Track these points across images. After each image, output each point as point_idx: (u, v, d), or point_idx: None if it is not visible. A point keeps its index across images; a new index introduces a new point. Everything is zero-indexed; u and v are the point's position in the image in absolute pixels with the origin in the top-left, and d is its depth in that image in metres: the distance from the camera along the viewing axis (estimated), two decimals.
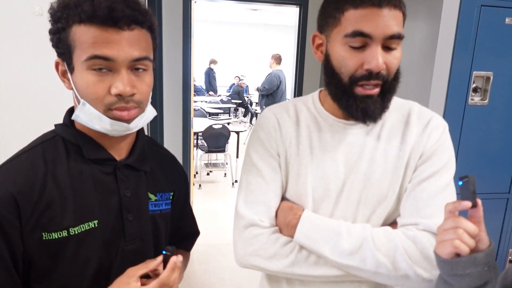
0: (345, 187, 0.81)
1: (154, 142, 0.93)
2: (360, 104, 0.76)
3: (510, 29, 1.80)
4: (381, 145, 0.82)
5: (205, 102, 7.58)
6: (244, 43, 10.14)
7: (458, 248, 0.61)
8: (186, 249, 0.99)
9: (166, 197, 0.87)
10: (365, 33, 0.71)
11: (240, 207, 0.84)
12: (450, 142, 0.83)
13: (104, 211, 0.74)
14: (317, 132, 0.85)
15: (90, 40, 0.66)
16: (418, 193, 0.78)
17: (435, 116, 0.84)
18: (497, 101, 1.88)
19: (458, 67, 1.81)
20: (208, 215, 3.72)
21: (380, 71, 0.73)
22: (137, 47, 0.69)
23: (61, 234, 0.70)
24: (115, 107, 0.69)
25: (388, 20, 0.71)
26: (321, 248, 0.77)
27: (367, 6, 0.71)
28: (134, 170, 0.80)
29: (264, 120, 0.88)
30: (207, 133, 4.44)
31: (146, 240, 0.81)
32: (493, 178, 1.97)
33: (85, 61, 0.66)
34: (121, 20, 0.66)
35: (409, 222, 0.78)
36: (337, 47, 0.75)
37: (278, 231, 0.83)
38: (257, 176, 0.85)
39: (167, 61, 2.82)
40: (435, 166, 0.79)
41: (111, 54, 0.66)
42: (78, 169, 0.73)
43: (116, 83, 0.68)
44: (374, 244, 0.75)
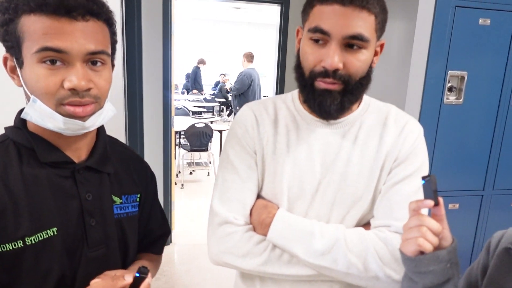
0: (320, 186, 0.82)
1: (117, 141, 0.88)
2: (317, 98, 0.77)
3: (483, 30, 1.84)
4: (358, 146, 0.82)
5: (188, 101, 7.53)
6: (228, 41, 10.10)
7: (421, 246, 0.62)
8: (157, 253, 0.95)
9: (132, 199, 0.83)
10: (324, 30, 0.72)
11: (215, 204, 0.84)
12: (425, 147, 0.84)
13: (64, 217, 0.70)
14: (295, 131, 0.84)
15: (41, 30, 0.61)
16: (392, 196, 0.79)
17: (411, 120, 0.85)
18: (472, 100, 1.92)
19: (433, 66, 1.84)
20: (191, 215, 3.69)
21: (335, 70, 0.73)
22: (92, 40, 0.65)
23: (16, 245, 0.64)
24: (68, 102, 0.64)
25: (350, 20, 0.71)
26: (293, 247, 0.77)
27: (331, 3, 0.71)
28: (95, 172, 0.75)
29: (242, 117, 0.87)
30: (189, 132, 4.41)
31: (111, 245, 0.77)
32: (468, 175, 2.02)
33: (35, 53, 0.62)
34: (75, 10, 0.62)
35: (382, 224, 0.79)
36: (304, 41, 0.77)
37: (252, 229, 0.82)
38: (233, 173, 0.84)
39: (146, 60, 2.77)
40: (409, 170, 0.80)
41: (64, 45, 0.62)
42: (33, 174, 0.68)
43: (70, 77, 0.63)
44: (347, 245, 0.76)
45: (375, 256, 0.75)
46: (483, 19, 1.83)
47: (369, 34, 0.73)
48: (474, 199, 2.06)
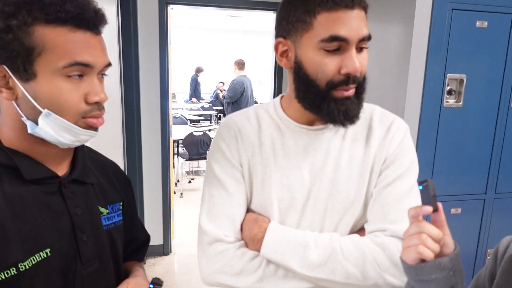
0: (310, 195, 0.79)
1: (92, 150, 0.85)
2: (341, 107, 0.74)
3: (481, 32, 1.84)
4: (346, 150, 0.80)
5: (186, 109, 7.52)
6: (225, 49, 10.13)
7: (422, 253, 0.60)
8: (139, 260, 0.93)
9: (117, 208, 0.81)
10: (342, 37, 0.69)
11: (203, 222, 0.81)
12: (412, 144, 0.83)
13: (56, 236, 0.66)
14: (280, 139, 0.82)
15: (70, 44, 0.60)
16: (384, 198, 0.77)
17: (396, 119, 0.84)
18: (471, 102, 1.91)
19: (432, 70, 1.84)
20: (190, 224, 3.66)
21: (357, 74, 0.72)
22: (105, 52, 0.66)
23: (10, 273, 0.59)
24: (91, 115, 0.65)
25: (359, 22, 0.70)
26: (288, 261, 0.74)
27: (340, 8, 0.69)
28: (80, 184, 0.72)
29: (225, 130, 0.85)
30: (187, 141, 4.39)
31: (104, 258, 0.74)
32: (469, 179, 2.00)
33: (63, 68, 0.60)
34: (100, 25, 0.63)
35: (377, 228, 0.77)
36: (310, 53, 0.72)
37: (244, 246, 0.80)
38: (219, 188, 0.81)
39: (143, 69, 2.77)
40: (399, 170, 0.79)
41: (92, 60, 0.62)
42: (17, 194, 0.63)
43: (95, 91, 0.64)
44: (343, 254, 0.74)
45: (373, 263, 0.73)
46: (480, 21, 1.83)
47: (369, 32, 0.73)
48: (477, 203, 2.03)
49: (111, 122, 1.90)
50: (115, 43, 1.95)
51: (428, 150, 1.90)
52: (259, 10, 3.01)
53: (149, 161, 2.90)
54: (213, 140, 0.87)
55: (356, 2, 0.69)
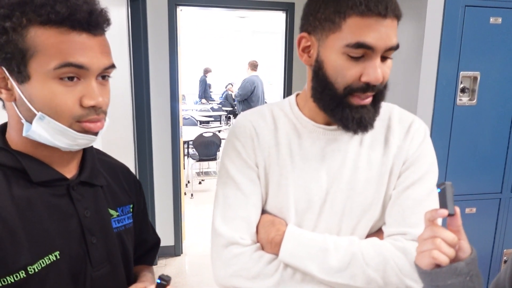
0: (328, 197, 0.78)
1: (101, 152, 0.84)
2: (355, 115, 0.72)
3: (494, 29, 1.80)
4: (364, 151, 0.79)
5: (195, 111, 7.55)
6: (234, 50, 10.15)
7: (436, 258, 0.59)
8: (150, 263, 0.92)
9: (127, 211, 0.79)
10: (369, 45, 0.67)
11: (218, 224, 0.78)
12: (432, 146, 0.81)
13: (65, 238, 0.65)
14: (296, 140, 0.80)
15: (61, 45, 0.58)
16: (403, 201, 0.76)
17: (416, 120, 0.82)
18: (485, 100, 1.87)
19: (445, 68, 1.81)
20: (201, 225, 3.66)
21: (377, 83, 0.70)
22: (106, 54, 0.64)
23: (19, 276, 0.59)
24: (87, 119, 0.63)
25: (389, 31, 0.67)
26: (308, 266, 0.73)
27: (372, 15, 0.65)
28: (89, 186, 0.71)
29: (240, 129, 0.82)
30: (197, 142, 4.40)
31: (114, 262, 0.73)
32: (484, 178, 1.96)
33: (54, 70, 0.58)
34: (98, 26, 0.61)
35: (397, 232, 0.75)
36: (334, 55, 0.70)
37: (260, 248, 0.78)
38: (234, 189, 0.79)
39: (153, 71, 2.78)
40: (419, 172, 0.77)
41: (86, 61, 0.59)
42: (25, 196, 0.62)
43: (91, 94, 0.61)
44: (364, 259, 0.72)
45: (395, 268, 0.71)
46: (494, 18, 1.79)
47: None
48: (492, 203, 1.99)
49: (122, 124, 1.91)
50: (125, 45, 1.96)
51: (442, 149, 1.87)
52: (268, 10, 3.00)
53: (159, 163, 2.91)
54: (227, 139, 0.84)
55: (390, 11, 0.66)
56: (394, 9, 0.67)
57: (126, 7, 2.00)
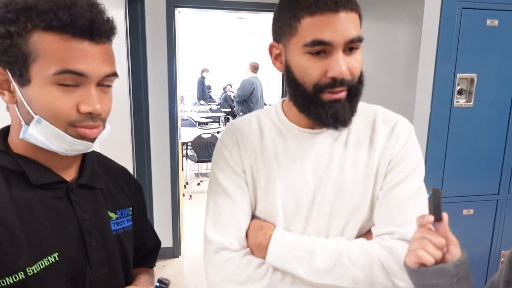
0: (316, 199, 0.79)
1: (100, 155, 0.84)
2: (329, 110, 0.73)
3: (491, 31, 1.81)
4: (349, 153, 0.79)
5: (194, 112, 7.54)
6: (232, 51, 10.16)
7: (421, 257, 0.62)
8: (150, 266, 0.93)
9: (126, 213, 0.80)
10: (325, 41, 0.69)
11: (208, 231, 0.80)
12: (417, 145, 0.82)
13: (64, 240, 0.66)
14: (282, 144, 0.81)
15: (62, 52, 0.59)
16: (390, 200, 0.76)
17: (400, 119, 0.82)
18: (482, 102, 1.88)
19: (442, 70, 1.81)
20: (199, 226, 3.66)
21: (344, 77, 0.71)
22: (108, 62, 0.64)
23: (18, 277, 0.60)
24: (81, 125, 0.63)
25: (346, 24, 0.69)
26: (295, 268, 0.74)
27: (323, 12, 0.68)
28: (89, 189, 0.72)
29: (227, 137, 0.85)
30: (196, 143, 4.41)
31: (113, 264, 0.74)
32: (482, 180, 1.97)
33: (53, 75, 0.59)
34: (101, 34, 0.61)
35: (384, 232, 0.76)
36: (296, 57, 0.73)
37: (249, 253, 0.79)
38: (223, 196, 0.81)
39: (152, 72, 2.79)
40: (405, 171, 0.77)
41: (86, 69, 0.60)
42: (25, 199, 0.63)
43: (88, 101, 0.62)
44: (350, 259, 0.73)
45: (381, 267, 0.72)
46: (491, 20, 1.80)
47: (361, 33, 0.72)
48: (489, 204, 2.00)
49: (120, 125, 1.91)
50: (123, 46, 1.96)
51: (439, 151, 1.88)
52: (267, 12, 3.01)
53: (158, 164, 2.91)
54: (216, 147, 0.86)
55: (341, 5, 0.68)
56: (346, 3, 0.69)
57: (124, 8, 2.00)
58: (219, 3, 2.87)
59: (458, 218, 1.97)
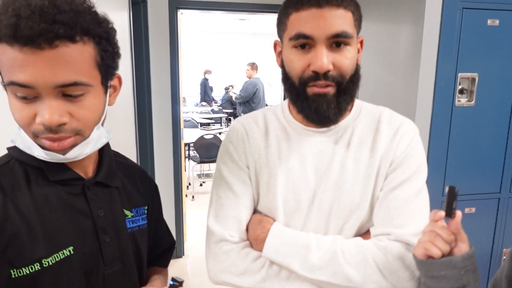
0: (316, 197, 0.80)
1: (118, 154, 0.86)
2: (312, 104, 0.75)
3: (492, 31, 1.82)
4: (351, 152, 0.80)
5: (196, 113, 7.56)
6: (234, 52, 10.17)
7: (428, 250, 0.65)
8: (164, 266, 0.94)
9: (141, 212, 0.82)
10: (307, 35, 0.72)
11: (210, 223, 0.83)
12: (421, 147, 0.82)
13: (78, 235, 0.68)
14: (286, 142, 0.83)
15: (7, 62, 0.56)
16: (390, 202, 0.77)
17: (406, 121, 0.83)
18: (484, 101, 1.89)
19: (443, 69, 1.82)
20: (202, 227, 3.67)
21: (326, 71, 0.72)
22: (62, 70, 0.56)
23: (33, 268, 0.62)
24: (43, 137, 0.61)
25: (330, 19, 0.71)
26: (290, 263, 0.75)
27: (307, 8, 0.71)
28: (104, 187, 0.74)
29: (232, 133, 0.87)
30: (198, 144, 4.42)
31: (127, 261, 0.75)
32: (483, 179, 1.98)
33: (7, 86, 0.58)
34: (37, 37, 0.53)
35: (381, 232, 0.77)
36: (286, 51, 0.77)
37: (248, 246, 0.81)
38: (226, 190, 0.83)
39: (154, 73, 2.81)
40: (406, 173, 0.78)
41: (27, 80, 0.55)
42: (42, 193, 0.65)
43: (41, 112, 0.58)
44: (344, 257, 0.74)
45: (374, 267, 0.73)
46: (492, 19, 1.81)
47: (351, 30, 0.73)
48: (491, 203, 2.01)
49: (123, 126, 1.93)
50: (127, 48, 1.98)
51: (441, 150, 1.88)
52: (268, 13, 3.02)
53: (161, 165, 2.93)
54: (222, 143, 0.89)
55: (325, 2, 0.71)
56: (336, 0, 0.72)
57: (128, 10, 2.02)
58: (221, 5, 2.89)
59: (460, 221, 1.97)
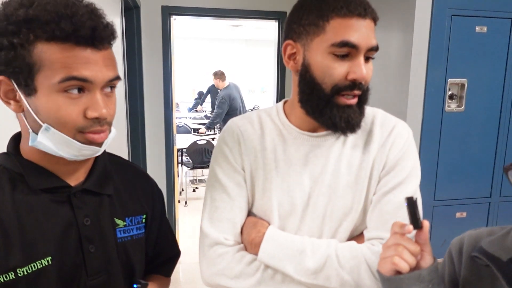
0: (310, 200, 0.80)
1: (120, 159, 0.84)
2: (343, 114, 0.74)
3: (480, 37, 1.86)
4: (345, 156, 0.80)
5: (189, 118, 7.55)
6: (227, 58, 10.20)
7: (397, 264, 0.61)
8: (166, 274, 0.92)
9: (137, 221, 0.79)
10: (353, 44, 0.71)
11: (205, 225, 0.82)
12: (415, 150, 0.82)
13: (60, 245, 0.66)
14: (281, 146, 0.83)
15: (66, 59, 0.59)
16: (383, 206, 0.77)
17: (399, 124, 0.82)
18: (473, 107, 1.92)
19: (433, 75, 1.85)
20: (195, 233, 3.65)
21: (363, 81, 0.73)
22: (111, 67, 0.65)
23: (8, 277, 0.60)
24: (90, 130, 0.64)
25: (370, 31, 0.72)
26: (285, 267, 0.75)
27: (353, 16, 0.71)
28: (94, 194, 0.72)
29: (228, 134, 0.85)
30: (191, 149, 4.41)
31: (113, 272, 0.73)
32: (474, 183, 2.00)
33: (58, 83, 0.59)
34: (102, 41, 0.62)
35: (375, 236, 0.77)
36: (319, 56, 0.73)
37: (243, 249, 0.81)
38: (221, 192, 0.82)
39: (147, 79, 2.80)
40: (399, 177, 0.78)
41: (90, 75, 0.61)
42: (25, 201, 0.65)
43: (94, 106, 0.63)
44: (339, 261, 0.74)
45: (368, 271, 0.73)
46: (480, 26, 1.85)
47: None
48: (482, 207, 2.03)
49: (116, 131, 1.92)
50: (119, 53, 1.98)
51: (431, 155, 1.91)
52: (261, 19, 3.05)
53: (153, 170, 2.91)
54: (216, 144, 0.88)
55: (369, 12, 0.71)
56: (371, 12, 0.72)
57: (121, 16, 2.02)
58: (213, 11, 2.91)
59: (451, 221, 1.99)
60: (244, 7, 2.89)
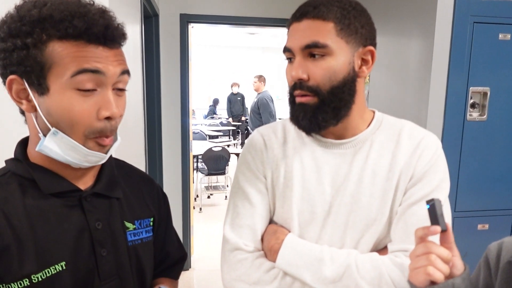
0: (332, 209, 0.79)
1: (124, 164, 0.85)
2: (294, 112, 0.78)
3: (504, 45, 1.81)
4: (369, 166, 0.79)
5: (204, 125, 7.60)
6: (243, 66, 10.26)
7: (432, 275, 0.58)
8: (174, 277, 0.91)
9: (145, 224, 0.79)
10: (287, 48, 0.76)
11: (226, 231, 0.83)
12: (444, 163, 0.80)
13: (73, 249, 0.66)
14: (303, 152, 0.83)
15: (77, 54, 0.60)
16: (408, 218, 0.75)
17: (428, 136, 0.81)
18: (496, 116, 1.87)
19: (454, 83, 1.81)
20: (209, 239, 3.65)
21: (298, 80, 0.75)
22: (122, 61, 0.66)
23: (22, 284, 0.60)
24: (102, 135, 0.64)
25: (304, 31, 0.74)
26: (302, 274, 0.74)
27: (291, 24, 0.77)
28: (104, 198, 0.72)
29: (251, 142, 0.88)
30: (206, 156, 4.43)
31: (124, 276, 0.72)
32: (496, 194, 1.94)
33: (71, 78, 0.60)
34: (114, 40, 0.64)
35: (399, 248, 0.75)
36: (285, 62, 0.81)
37: (263, 256, 0.80)
38: (243, 199, 0.84)
39: (165, 86, 2.84)
40: (426, 189, 0.76)
41: (101, 66, 0.61)
42: (37, 206, 0.64)
43: (107, 105, 0.63)
44: (358, 272, 0.72)
45: (390, 283, 0.71)
46: (503, 34, 1.80)
47: (328, 40, 0.72)
48: (505, 219, 1.96)
49: (134, 137, 1.94)
50: (138, 61, 2.01)
51: (453, 165, 1.86)
52: (277, 27, 3.05)
53: (169, 176, 2.93)
54: (241, 152, 0.90)
55: (304, 14, 0.74)
56: (310, 12, 0.74)
57: (140, 24, 2.05)
58: (230, 19, 2.93)
59: (472, 233, 1.93)
60: (260, 15, 2.90)
